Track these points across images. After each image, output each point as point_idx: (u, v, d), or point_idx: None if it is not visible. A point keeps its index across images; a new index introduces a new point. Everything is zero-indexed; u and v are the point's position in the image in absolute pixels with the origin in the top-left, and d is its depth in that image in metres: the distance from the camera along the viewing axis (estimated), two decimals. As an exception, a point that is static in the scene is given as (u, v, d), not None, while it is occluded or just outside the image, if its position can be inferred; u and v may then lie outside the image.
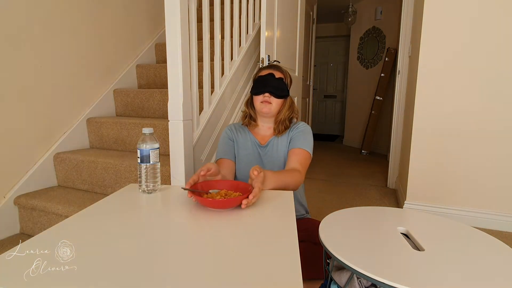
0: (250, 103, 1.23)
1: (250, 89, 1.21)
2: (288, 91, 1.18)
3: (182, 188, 0.83)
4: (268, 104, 1.14)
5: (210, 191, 0.83)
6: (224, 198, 0.77)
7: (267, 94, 1.13)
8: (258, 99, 1.15)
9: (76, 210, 1.43)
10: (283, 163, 1.16)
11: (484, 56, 1.72)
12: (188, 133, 1.42)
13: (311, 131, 1.19)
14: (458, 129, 1.81)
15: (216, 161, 1.21)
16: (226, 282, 0.46)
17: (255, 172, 0.82)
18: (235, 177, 1.23)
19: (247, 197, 0.73)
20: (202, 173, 0.86)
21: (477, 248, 0.71)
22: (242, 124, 1.25)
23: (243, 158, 1.20)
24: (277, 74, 1.16)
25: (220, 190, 0.84)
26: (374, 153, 4.25)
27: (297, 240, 0.59)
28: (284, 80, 1.17)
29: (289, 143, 1.16)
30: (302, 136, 1.14)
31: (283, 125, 1.17)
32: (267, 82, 1.13)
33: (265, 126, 1.22)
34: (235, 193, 0.82)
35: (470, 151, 1.80)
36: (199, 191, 0.82)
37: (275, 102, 1.14)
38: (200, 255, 0.54)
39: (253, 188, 0.77)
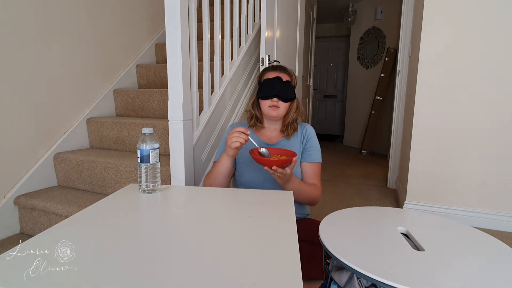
0: (256, 105, 1.22)
1: (250, 89, 1.22)
2: (295, 93, 1.18)
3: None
4: (276, 109, 1.14)
5: (260, 150, 1.01)
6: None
7: (275, 99, 1.13)
8: (265, 103, 1.15)
9: (76, 210, 1.43)
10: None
11: (484, 56, 1.72)
12: (188, 133, 1.42)
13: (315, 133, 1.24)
14: (458, 129, 1.80)
15: (214, 163, 1.20)
16: (226, 282, 0.46)
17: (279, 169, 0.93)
18: (236, 182, 1.22)
19: (290, 161, 0.92)
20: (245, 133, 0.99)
21: (477, 248, 0.71)
22: (248, 126, 1.23)
23: (247, 159, 1.17)
24: (284, 77, 1.16)
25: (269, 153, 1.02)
26: (374, 153, 4.25)
27: (297, 240, 0.59)
28: (291, 82, 1.17)
29: (302, 152, 1.19)
30: (314, 147, 1.20)
31: (291, 128, 1.18)
32: (275, 86, 1.13)
33: (271, 128, 1.23)
34: (281, 156, 0.99)
35: (470, 151, 1.80)
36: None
37: (283, 106, 1.15)
38: (200, 255, 0.54)
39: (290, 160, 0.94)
